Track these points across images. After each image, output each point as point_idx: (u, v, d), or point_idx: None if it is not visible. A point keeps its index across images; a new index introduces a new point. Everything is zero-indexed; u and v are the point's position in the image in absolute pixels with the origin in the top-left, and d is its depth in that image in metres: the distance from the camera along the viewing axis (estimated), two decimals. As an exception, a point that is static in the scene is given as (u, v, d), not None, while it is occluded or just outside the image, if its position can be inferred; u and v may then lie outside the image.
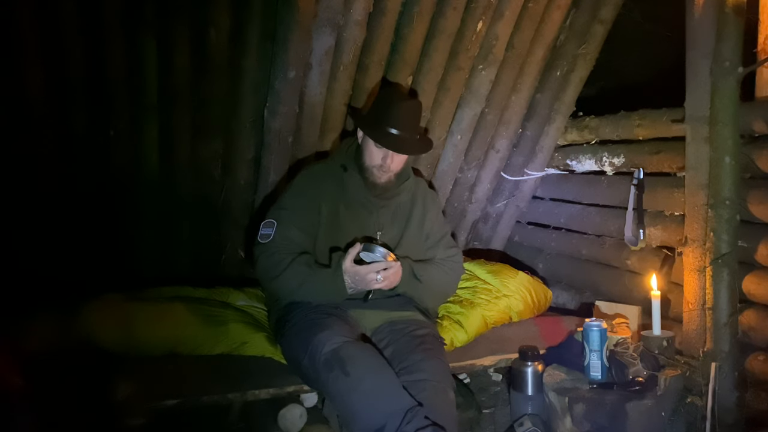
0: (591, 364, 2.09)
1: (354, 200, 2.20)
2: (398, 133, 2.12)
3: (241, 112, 2.57)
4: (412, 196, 2.30)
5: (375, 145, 2.13)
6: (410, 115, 2.18)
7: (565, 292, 3.15)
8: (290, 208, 2.17)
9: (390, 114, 2.12)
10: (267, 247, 2.12)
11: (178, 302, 2.28)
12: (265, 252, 2.12)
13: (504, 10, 2.72)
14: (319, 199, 2.17)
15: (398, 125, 2.11)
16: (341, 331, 1.93)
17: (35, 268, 2.47)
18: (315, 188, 2.19)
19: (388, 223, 2.24)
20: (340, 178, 2.21)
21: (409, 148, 2.18)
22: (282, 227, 2.13)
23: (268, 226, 2.14)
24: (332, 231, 2.17)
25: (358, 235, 2.17)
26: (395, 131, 2.11)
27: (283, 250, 2.10)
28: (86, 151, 2.44)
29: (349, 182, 2.19)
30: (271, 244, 2.11)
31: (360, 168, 2.19)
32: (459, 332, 2.39)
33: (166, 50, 2.36)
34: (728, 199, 2.05)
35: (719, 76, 2.05)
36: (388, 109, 2.14)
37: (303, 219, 2.15)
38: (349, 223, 2.19)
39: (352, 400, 1.78)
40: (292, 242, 2.12)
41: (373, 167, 2.15)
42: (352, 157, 2.22)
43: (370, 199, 2.20)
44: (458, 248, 2.45)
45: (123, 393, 1.83)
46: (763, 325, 2.13)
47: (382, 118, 2.12)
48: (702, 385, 2.04)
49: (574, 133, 3.18)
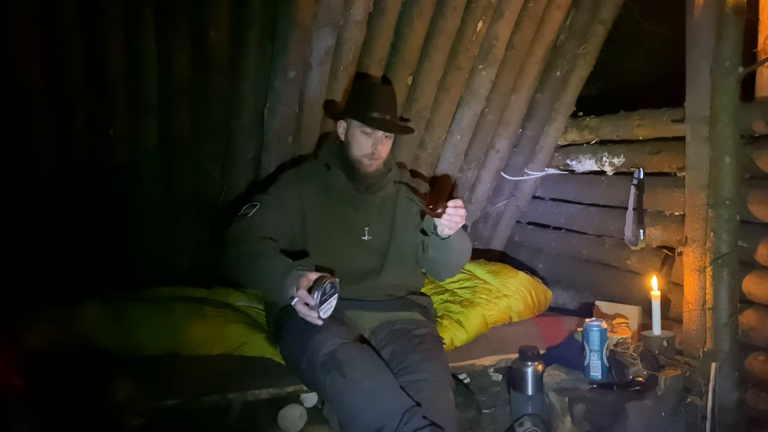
0: (591, 364, 2.09)
1: (339, 198, 2.20)
2: (384, 116, 2.15)
3: (241, 112, 2.56)
4: (397, 188, 2.29)
5: (362, 133, 2.13)
6: (390, 98, 2.22)
7: (565, 292, 3.15)
8: (275, 195, 2.18)
9: (372, 99, 2.16)
10: (242, 219, 2.12)
11: (177, 302, 2.28)
12: (239, 222, 2.11)
13: (504, 10, 2.72)
14: (303, 201, 2.17)
15: (382, 109, 2.15)
16: (339, 332, 1.92)
17: (35, 268, 2.47)
18: (301, 189, 2.19)
19: (375, 218, 2.24)
20: (324, 177, 2.21)
21: (398, 129, 2.24)
22: (262, 209, 2.13)
23: (251, 207, 2.14)
24: (319, 231, 2.17)
25: (345, 234, 2.18)
26: (379, 115, 2.14)
27: (257, 227, 2.08)
28: (86, 151, 2.44)
29: (333, 180, 2.20)
30: (249, 219, 2.11)
31: (345, 164, 2.19)
32: (459, 332, 2.39)
33: (166, 50, 2.35)
34: (728, 199, 2.05)
35: (719, 76, 2.05)
36: (369, 95, 2.18)
37: (284, 213, 2.15)
38: (336, 221, 2.19)
39: (350, 402, 1.77)
40: (266, 226, 2.10)
41: (363, 157, 2.15)
42: (335, 155, 2.22)
43: (356, 195, 2.20)
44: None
45: (123, 393, 1.83)
46: (763, 325, 2.13)
47: (365, 104, 2.14)
48: (702, 385, 2.04)
49: (574, 133, 3.18)
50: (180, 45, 2.37)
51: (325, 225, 2.18)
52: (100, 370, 1.91)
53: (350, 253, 2.19)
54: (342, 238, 2.20)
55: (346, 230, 2.20)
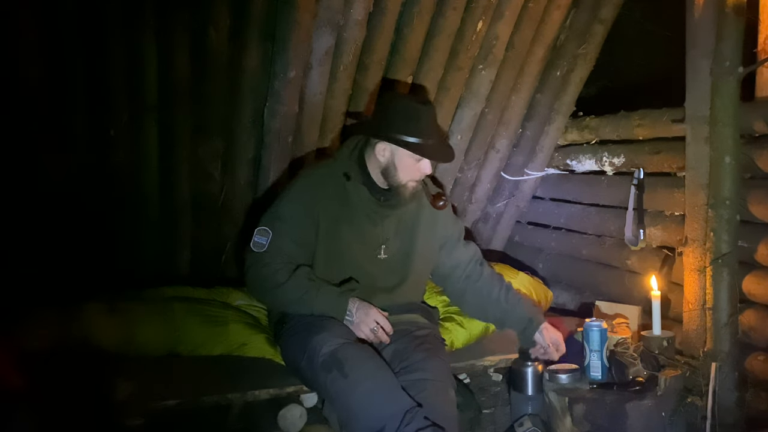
0: (591, 364, 2.09)
1: (356, 211, 2.07)
2: (435, 143, 2.02)
3: (241, 112, 2.56)
4: (418, 202, 2.16)
5: (414, 160, 1.99)
6: (435, 119, 2.09)
7: (565, 292, 3.14)
8: (286, 218, 2.04)
9: (421, 125, 1.98)
10: (260, 257, 2.01)
11: (177, 302, 2.27)
12: (258, 262, 2.01)
13: (504, 10, 2.73)
14: (318, 210, 2.04)
15: (434, 134, 2.01)
16: (339, 332, 1.92)
17: (35, 268, 2.47)
18: (313, 198, 2.05)
19: (393, 235, 2.14)
20: (341, 186, 2.07)
21: (452, 154, 2.15)
22: (276, 238, 2.01)
23: (263, 234, 2.02)
24: (332, 243, 2.07)
25: (359, 250, 2.09)
26: (433, 141, 2.00)
27: (277, 261, 2.00)
28: (86, 151, 2.43)
29: (353, 192, 2.06)
30: (265, 254, 2.00)
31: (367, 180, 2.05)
32: (460, 333, 2.38)
33: (166, 50, 2.36)
34: (728, 199, 2.05)
35: (719, 76, 2.04)
36: (417, 120, 1.98)
37: (298, 232, 2.04)
38: (351, 235, 2.08)
39: (351, 402, 1.77)
40: (286, 255, 2.01)
41: (410, 181, 2.03)
42: (356, 164, 2.07)
43: (375, 210, 2.08)
44: (472, 242, 2.35)
45: (123, 393, 1.83)
46: (763, 325, 2.13)
47: (415, 130, 1.96)
48: (702, 385, 2.04)
49: (574, 133, 3.18)
50: (180, 45, 2.37)
51: (341, 237, 2.07)
52: (100, 370, 1.91)
53: (364, 271, 2.11)
54: (355, 254, 2.10)
55: (360, 246, 2.10)
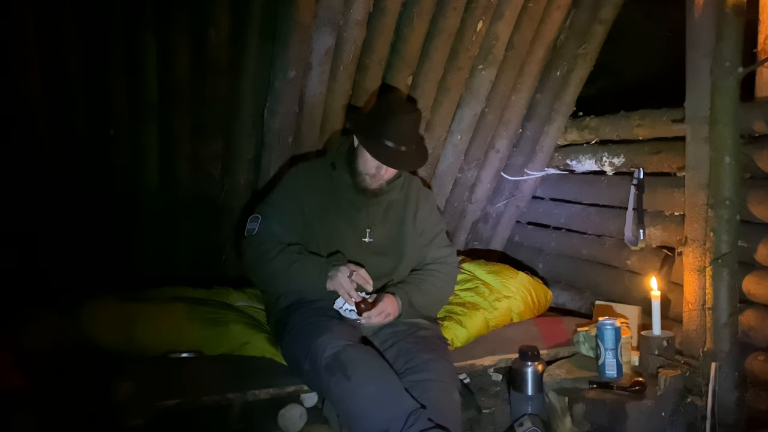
0: (606, 362, 2.09)
1: (341, 198, 2.21)
2: (395, 147, 2.09)
3: (241, 112, 2.57)
4: (406, 194, 2.29)
5: (370, 156, 2.10)
6: (408, 128, 2.15)
7: (565, 292, 3.14)
8: (275, 205, 2.22)
9: (388, 126, 2.08)
10: (252, 239, 2.18)
11: (178, 303, 2.28)
12: (251, 243, 2.18)
13: (504, 10, 2.72)
14: (302, 198, 2.19)
15: (395, 138, 2.08)
16: (342, 334, 1.92)
17: (35, 269, 2.47)
18: (301, 187, 2.22)
19: (379, 221, 2.24)
20: (328, 175, 2.22)
21: (404, 163, 2.17)
22: (265, 222, 2.18)
23: (253, 221, 2.20)
24: (321, 227, 2.19)
25: (345, 233, 2.19)
26: (392, 144, 2.08)
27: (267, 241, 2.15)
28: (86, 151, 2.43)
29: (338, 180, 2.20)
30: (256, 236, 2.17)
31: (351, 169, 2.18)
32: (460, 332, 2.38)
33: (166, 50, 2.35)
34: (728, 199, 2.05)
35: (719, 76, 2.05)
36: (387, 121, 2.09)
37: (285, 216, 2.19)
38: (337, 220, 2.20)
39: (354, 405, 1.77)
40: (276, 235, 2.16)
41: (366, 174, 2.15)
42: (343, 156, 2.22)
43: (359, 197, 2.19)
44: (452, 247, 2.43)
45: (123, 393, 1.83)
46: (763, 325, 2.13)
47: (380, 129, 2.08)
48: (702, 385, 2.04)
49: (574, 133, 3.18)
50: (180, 45, 2.37)
51: (328, 222, 2.19)
52: (101, 370, 1.91)
53: (353, 252, 2.19)
54: (344, 236, 2.19)
55: (346, 230, 2.20)
